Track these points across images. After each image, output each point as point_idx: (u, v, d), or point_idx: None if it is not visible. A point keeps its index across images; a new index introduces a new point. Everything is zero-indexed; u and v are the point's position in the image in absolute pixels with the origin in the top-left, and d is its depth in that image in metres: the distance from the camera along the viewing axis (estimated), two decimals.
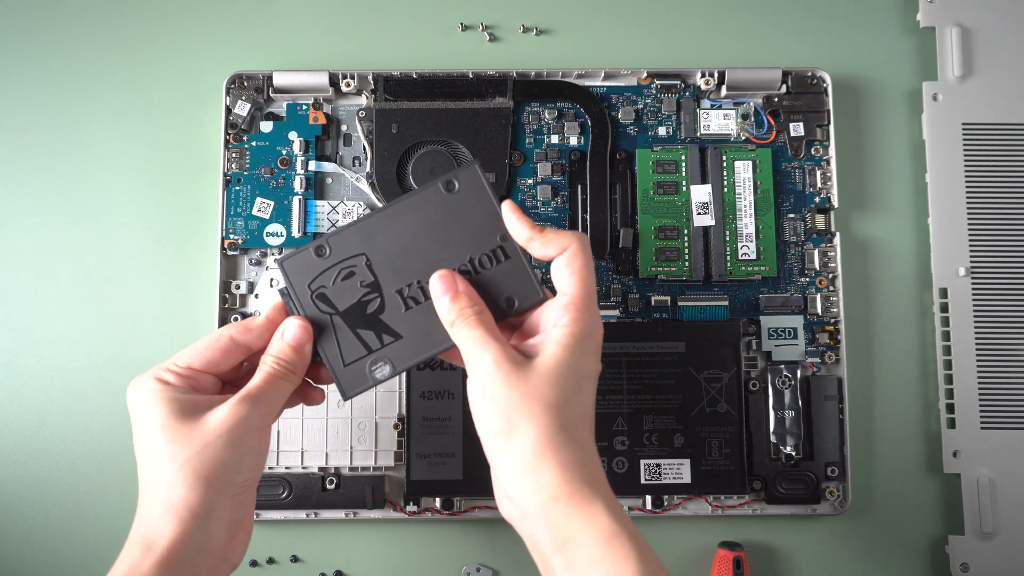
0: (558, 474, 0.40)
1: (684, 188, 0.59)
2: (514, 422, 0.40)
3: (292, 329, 0.45)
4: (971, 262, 0.59)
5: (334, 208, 0.59)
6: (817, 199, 0.59)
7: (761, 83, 0.60)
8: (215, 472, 0.42)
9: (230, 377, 0.47)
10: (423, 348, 0.46)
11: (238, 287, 0.58)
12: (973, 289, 0.59)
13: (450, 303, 0.44)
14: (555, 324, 0.43)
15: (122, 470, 0.58)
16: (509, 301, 0.45)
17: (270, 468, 0.56)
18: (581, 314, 0.43)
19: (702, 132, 0.60)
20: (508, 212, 0.45)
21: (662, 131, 0.60)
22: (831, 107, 0.59)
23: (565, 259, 0.44)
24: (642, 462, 0.56)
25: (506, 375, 0.41)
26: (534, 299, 0.45)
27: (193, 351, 0.45)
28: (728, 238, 0.58)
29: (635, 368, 0.56)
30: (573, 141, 0.60)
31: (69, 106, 0.61)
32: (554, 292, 0.45)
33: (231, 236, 0.58)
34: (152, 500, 0.42)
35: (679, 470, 0.56)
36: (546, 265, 0.45)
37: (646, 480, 0.56)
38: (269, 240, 0.58)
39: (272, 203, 0.59)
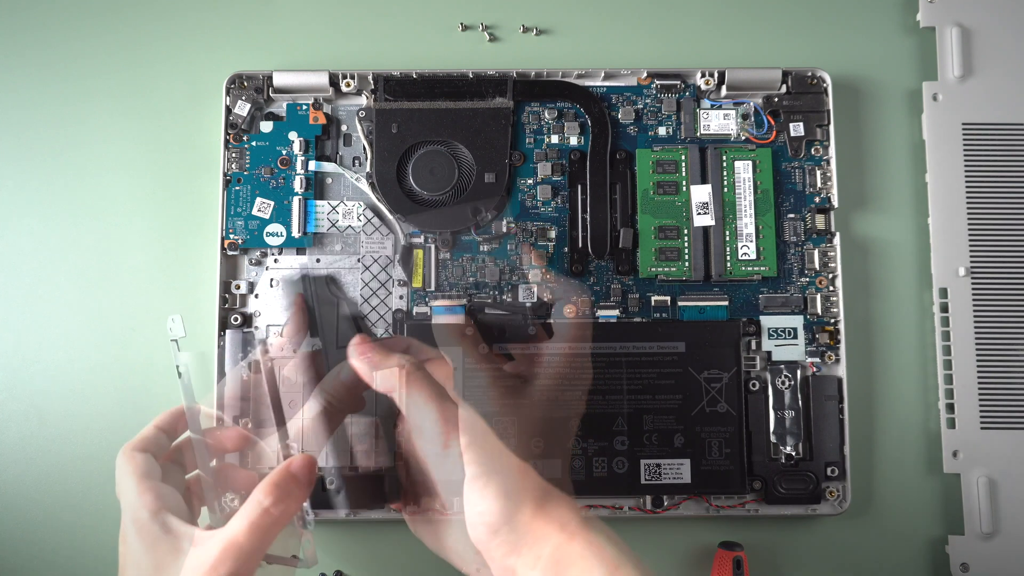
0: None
1: (684, 188, 0.59)
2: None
3: (298, 462, 0.46)
4: (971, 262, 0.59)
5: (334, 208, 0.59)
6: (817, 199, 0.59)
7: (761, 83, 0.60)
8: None
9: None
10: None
11: (238, 287, 0.58)
12: (973, 289, 0.59)
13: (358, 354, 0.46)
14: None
15: None
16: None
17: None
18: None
19: (702, 132, 0.60)
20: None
21: (662, 131, 0.60)
22: (831, 107, 0.59)
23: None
24: (642, 462, 0.56)
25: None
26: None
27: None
28: (728, 238, 0.58)
29: (635, 368, 0.56)
30: (573, 141, 0.60)
31: (69, 106, 0.61)
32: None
33: (231, 236, 0.58)
34: None
35: (679, 470, 0.56)
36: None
37: (646, 480, 0.55)
38: (269, 240, 0.58)
39: (272, 203, 0.59)
